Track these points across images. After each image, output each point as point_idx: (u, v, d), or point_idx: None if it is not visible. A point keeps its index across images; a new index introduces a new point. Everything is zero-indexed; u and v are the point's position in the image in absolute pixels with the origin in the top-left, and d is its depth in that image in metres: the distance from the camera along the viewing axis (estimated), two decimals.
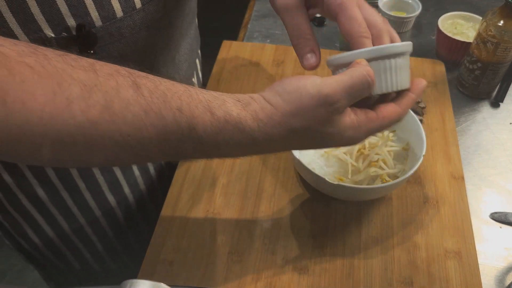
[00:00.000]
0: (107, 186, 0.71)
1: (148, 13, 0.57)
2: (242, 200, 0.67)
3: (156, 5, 0.58)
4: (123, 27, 0.55)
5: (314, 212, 0.66)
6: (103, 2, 0.52)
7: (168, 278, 0.59)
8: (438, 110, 0.80)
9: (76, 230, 0.75)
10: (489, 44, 0.77)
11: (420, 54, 0.95)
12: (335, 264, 0.61)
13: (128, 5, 0.55)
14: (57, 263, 0.81)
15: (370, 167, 0.65)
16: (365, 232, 0.64)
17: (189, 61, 0.76)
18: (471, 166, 0.74)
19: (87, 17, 0.51)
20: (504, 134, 0.79)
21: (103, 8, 0.52)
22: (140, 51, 0.60)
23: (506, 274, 0.61)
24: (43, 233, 0.74)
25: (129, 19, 0.55)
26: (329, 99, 0.41)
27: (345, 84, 0.42)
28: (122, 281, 0.35)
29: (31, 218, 0.71)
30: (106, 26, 0.54)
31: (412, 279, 0.59)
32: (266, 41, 0.99)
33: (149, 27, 0.59)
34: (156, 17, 0.59)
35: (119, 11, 0.54)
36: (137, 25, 0.57)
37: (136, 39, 0.58)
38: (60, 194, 0.68)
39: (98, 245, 0.80)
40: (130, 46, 0.58)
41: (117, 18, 0.54)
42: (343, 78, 0.42)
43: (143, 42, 0.59)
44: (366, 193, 0.62)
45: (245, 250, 0.62)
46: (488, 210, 0.68)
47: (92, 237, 0.78)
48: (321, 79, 0.42)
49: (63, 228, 0.74)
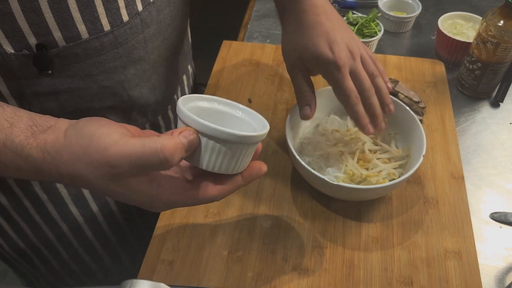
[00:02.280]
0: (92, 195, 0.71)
1: (118, 35, 0.55)
2: (242, 200, 0.67)
3: (129, 28, 0.56)
4: (89, 48, 0.53)
5: (314, 212, 0.66)
6: (67, 23, 0.50)
7: (168, 278, 0.59)
8: (438, 110, 0.80)
9: (74, 229, 0.75)
10: (489, 44, 0.77)
11: (420, 54, 0.95)
12: (335, 264, 0.61)
13: (95, 28, 0.52)
14: (45, 265, 0.80)
15: (371, 164, 0.65)
16: (365, 232, 0.64)
17: (171, 80, 0.73)
18: (471, 166, 0.74)
19: (50, 36, 0.50)
20: (504, 134, 0.79)
21: (66, 28, 0.50)
22: (108, 72, 0.57)
23: (506, 274, 0.61)
24: (12, 241, 0.72)
25: (96, 41, 0.53)
26: (110, 161, 0.37)
27: (133, 152, 0.37)
28: (122, 281, 0.35)
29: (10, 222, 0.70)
30: (71, 47, 0.52)
31: (412, 279, 0.59)
32: (266, 41, 0.99)
33: (120, 49, 0.56)
34: (128, 39, 0.57)
35: (85, 33, 0.52)
36: (105, 47, 0.54)
37: (103, 60, 0.56)
38: (23, 203, 0.66)
39: (96, 244, 0.79)
40: (96, 67, 0.56)
41: (82, 40, 0.52)
42: (136, 145, 0.37)
43: (112, 63, 0.57)
44: (366, 193, 0.62)
45: (245, 250, 0.62)
46: (488, 210, 0.68)
47: (90, 238, 0.77)
48: (120, 135, 0.38)
49: (45, 234, 0.72)
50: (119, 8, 0.53)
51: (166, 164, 0.38)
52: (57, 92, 0.55)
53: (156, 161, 0.37)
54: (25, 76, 0.52)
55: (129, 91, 0.62)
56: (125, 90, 0.62)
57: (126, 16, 0.55)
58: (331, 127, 0.70)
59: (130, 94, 0.63)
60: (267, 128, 0.43)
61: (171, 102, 0.76)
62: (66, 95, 0.57)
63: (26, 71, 0.51)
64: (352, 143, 0.68)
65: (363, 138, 0.67)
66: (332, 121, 0.71)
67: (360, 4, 1.08)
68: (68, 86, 0.56)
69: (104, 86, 0.59)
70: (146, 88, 0.66)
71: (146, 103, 0.67)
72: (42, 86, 0.54)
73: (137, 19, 0.56)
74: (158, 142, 0.37)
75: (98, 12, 0.51)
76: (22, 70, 0.51)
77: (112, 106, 0.62)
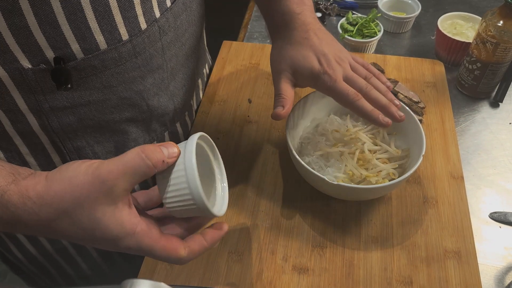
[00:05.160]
0: None
1: (136, 44, 0.54)
2: (242, 200, 0.68)
3: (147, 36, 0.55)
4: (107, 59, 0.52)
5: (314, 212, 0.66)
6: (85, 34, 0.49)
7: (168, 278, 0.59)
8: (437, 110, 0.80)
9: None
10: (489, 44, 0.77)
11: (419, 55, 0.95)
12: (335, 264, 0.61)
13: (114, 37, 0.51)
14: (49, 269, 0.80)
15: (371, 164, 0.65)
16: (364, 232, 0.64)
17: (188, 86, 0.72)
18: (471, 166, 0.74)
19: (67, 49, 0.49)
20: (504, 134, 0.79)
21: (84, 40, 0.49)
22: (127, 82, 0.57)
23: (505, 274, 0.61)
24: (26, 250, 0.72)
25: (114, 51, 0.52)
26: (101, 176, 0.39)
27: (120, 163, 0.39)
28: (122, 281, 0.35)
29: (13, 236, 0.69)
30: (89, 59, 0.51)
31: (411, 279, 0.59)
32: (266, 41, 0.99)
33: (138, 58, 0.56)
34: (146, 48, 0.56)
35: (103, 44, 0.51)
36: (123, 57, 0.54)
37: (121, 70, 0.55)
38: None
39: (94, 253, 0.79)
40: (115, 78, 0.55)
41: (100, 51, 0.51)
42: (120, 158, 0.40)
43: (131, 73, 0.56)
44: (366, 193, 0.62)
45: (245, 250, 0.62)
46: (488, 210, 0.68)
47: (90, 249, 0.77)
48: (99, 162, 0.40)
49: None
50: (137, 16, 0.53)
51: (148, 163, 0.40)
52: (75, 105, 0.54)
53: (140, 162, 0.39)
54: (42, 90, 0.51)
55: (148, 101, 0.62)
56: (144, 100, 0.61)
57: (144, 24, 0.54)
58: (331, 127, 0.70)
59: (149, 104, 0.62)
60: (221, 213, 0.46)
61: (188, 108, 0.76)
62: (85, 108, 0.56)
63: (43, 85, 0.50)
64: (352, 143, 0.68)
65: (362, 138, 0.67)
66: (332, 121, 0.72)
67: (360, 4, 1.08)
68: (87, 99, 0.55)
69: (123, 97, 0.58)
70: (165, 97, 0.65)
71: (165, 111, 0.66)
72: (60, 100, 0.53)
73: (155, 27, 0.56)
74: (138, 149, 0.40)
75: (116, 21, 0.51)
76: (39, 84, 0.50)
77: (131, 117, 0.62)
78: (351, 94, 0.58)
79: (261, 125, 0.78)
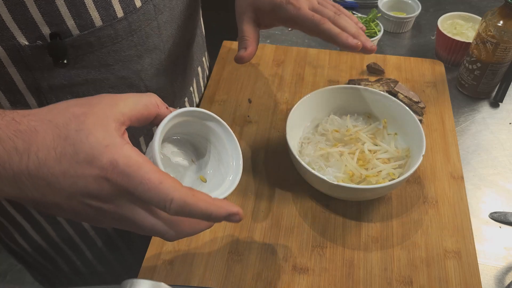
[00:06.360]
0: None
1: (131, 22, 0.55)
2: (242, 200, 0.68)
3: (142, 14, 0.56)
4: (103, 36, 0.53)
5: (314, 212, 0.66)
6: (80, 10, 0.49)
7: (168, 278, 0.59)
8: (437, 110, 0.80)
9: (79, 231, 0.75)
10: (489, 44, 0.77)
11: (419, 54, 0.95)
12: (335, 264, 0.61)
13: (109, 14, 0.52)
14: (51, 264, 0.81)
15: (371, 164, 0.65)
16: (364, 232, 0.64)
17: (187, 71, 0.73)
18: (471, 166, 0.74)
19: (63, 25, 0.49)
20: (504, 134, 0.79)
21: (80, 16, 0.50)
22: (124, 61, 0.57)
23: (505, 274, 0.61)
24: (30, 238, 0.73)
25: (110, 28, 0.53)
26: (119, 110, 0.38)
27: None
28: (122, 281, 0.35)
29: (17, 224, 0.70)
30: (84, 36, 0.51)
31: (411, 279, 0.59)
32: (266, 41, 0.99)
33: (134, 36, 0.56)
34: (142, 26, 0.57)
35: (98, 20, 0.52)
36: (119, 34, 0.54)
37: (118, 48, 0.55)
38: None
39: (99, 242, 0.80)
40: (112, 56, 0.56)
41: (95, 27, 0.52)
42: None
43: (127, 51, 0.57)
44: (366, 193, 0.62)
45: (245, 250, 0.62)
46: (488, 210, 0.68)
47: (94, 237, 0.78)
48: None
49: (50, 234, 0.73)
50: None
51: (153, 99, 0.40)
52: (73, 84, 0.55)
53: (145, 95, 0.40)
54: (40, 68, 0.51)
55: (146, 81, 0.62)
56: (142, 80, 0.61)
57: (138, 2, 0.55)
58: (331, 127, 0.70)
59: (148, 85, 0.63)
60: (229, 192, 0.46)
61: (187, 94, 0.76)
62: (82, 88, 0.56)
63: (41, 62, 0.51)
64: (352, 143, 0.68)
65: (362, 138, 0.67)
66: (332, 121, 0.72)
67: (360, 4, 1.08)
68: (84, 78, 0.55)
69: (120, 76, 0.58)
70: (163, 79, 0.66)
71: (163, 95, 0.67)
72: (58, 78, 0.54)
73: (149, 5, 0.56)
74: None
75: None
76: (37, 61, 0.51)
77: None
78: (317, 18, 0.57)
79: (261, 125, 0.78)
